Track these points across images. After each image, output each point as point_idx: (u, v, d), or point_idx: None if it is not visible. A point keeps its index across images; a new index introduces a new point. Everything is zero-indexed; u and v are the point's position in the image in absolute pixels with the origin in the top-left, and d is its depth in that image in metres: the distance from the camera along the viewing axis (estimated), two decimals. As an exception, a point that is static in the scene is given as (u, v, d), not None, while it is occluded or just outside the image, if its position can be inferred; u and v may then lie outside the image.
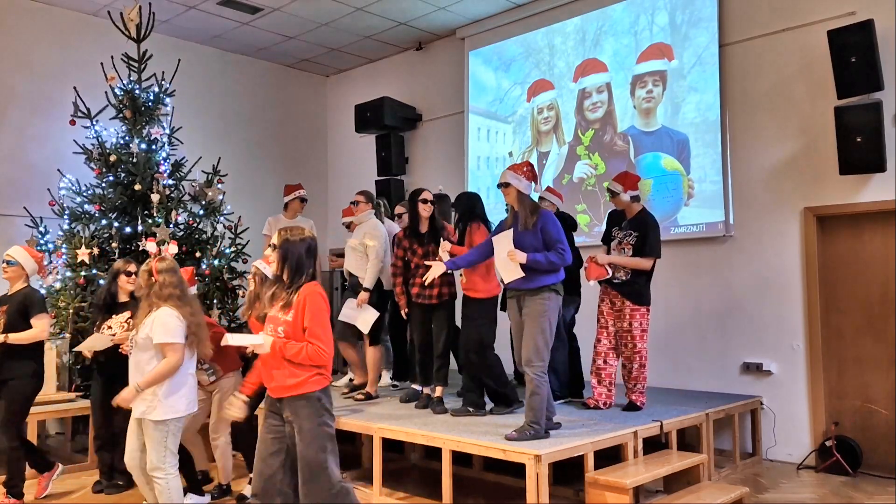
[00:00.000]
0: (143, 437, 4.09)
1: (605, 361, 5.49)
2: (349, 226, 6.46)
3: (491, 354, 5.14)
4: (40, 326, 4.90)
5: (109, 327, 5.03)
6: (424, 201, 5.41)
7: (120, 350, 4.85)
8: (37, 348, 5.00)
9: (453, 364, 6.21)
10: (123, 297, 5.15)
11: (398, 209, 6.73)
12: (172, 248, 6.21)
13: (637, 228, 5.43)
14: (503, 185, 4.67)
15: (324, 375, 3.51)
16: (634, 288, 5.37)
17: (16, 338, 4.83)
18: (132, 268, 5.13)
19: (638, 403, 5.45)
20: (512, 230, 4.59)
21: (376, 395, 6.01)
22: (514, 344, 4.81)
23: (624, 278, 5.39)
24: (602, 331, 5.51)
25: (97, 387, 5.26)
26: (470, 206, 5.39)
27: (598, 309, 5.54)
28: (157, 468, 4.03)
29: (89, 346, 5.02)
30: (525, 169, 4.69)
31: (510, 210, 4.75)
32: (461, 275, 5.15)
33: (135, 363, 4.10)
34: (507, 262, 4.51)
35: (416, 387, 5.82)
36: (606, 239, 5.65)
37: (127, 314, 5.01)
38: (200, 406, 4.61)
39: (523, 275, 4.49)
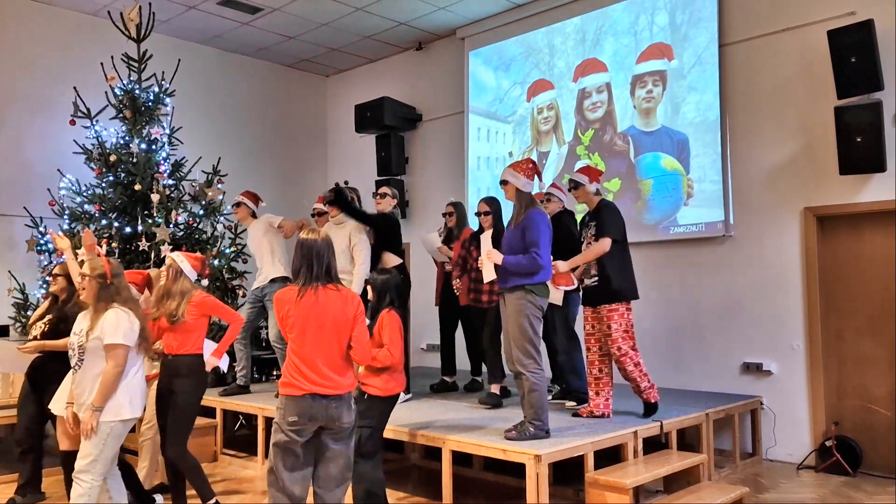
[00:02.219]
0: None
1: (599, 370, 5.23)
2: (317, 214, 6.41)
3: (371, 470, 4.18)
4: None
5: (35, 326, 4.88)
6: (477, 214, 5.67)
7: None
8: None
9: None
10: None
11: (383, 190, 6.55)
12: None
13: (595, 217, 5.16)
14: (503, 183, 4.71)
15: (284, 380, 3.45)
16: (605, 286, 5.06)
17: None
18: (56, 269, 4.98)
19: (651, 401, 5.20)
20: (490, 232, 4.79)
21: None
22: (503, 344, 4.84)
23: (596, 278, 5.11)
24: (589, 338, 5.28)
25: (23, 389, 5.01)
26: (386, 288, 4.39)
27: (584, 317, 5.33)
28: (83, 471, 3.75)
29: None
30: (525, 166, 4.69)
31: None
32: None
33: (88, 371, 3.81)
34: (486, 261, 4.64)
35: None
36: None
37: (48, 317, 4.83)
38: None
39: (494, 276, 4.58)
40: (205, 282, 6.53)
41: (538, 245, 4.44)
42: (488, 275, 4.66)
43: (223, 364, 4.61)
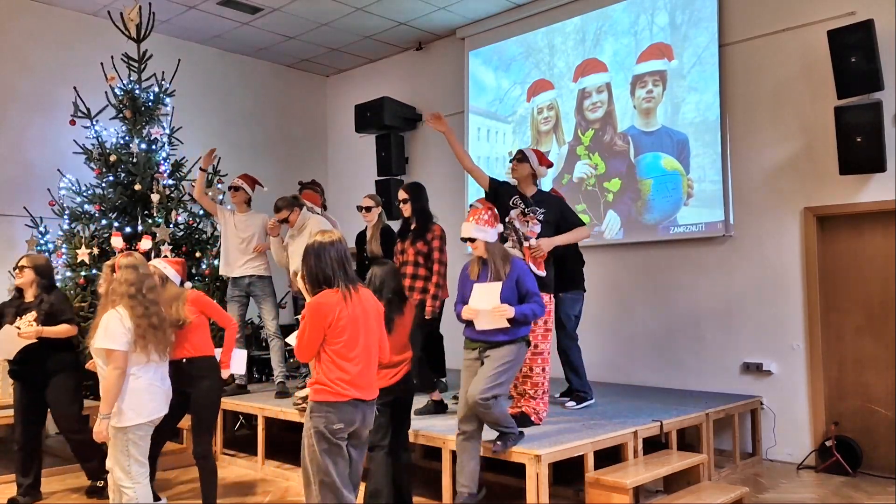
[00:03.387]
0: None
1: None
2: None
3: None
4: None
5: (18, 328, 4.75)
6: (398, 202, 5.35)
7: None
8: None
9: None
10: (29, 297, 4.89)
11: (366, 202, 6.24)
12: (145, 244, 6.21)
13: (546, 204, 5.02)
14: (470, 240, 4.32)
15: (325, 387, 3.34)
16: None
17: None
18: (23, 262, 4.93)
19: (531, 416, 4.80)
20: (500, 283, 4.21)
21: None
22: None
23: None
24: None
25: (16, 392, 4.98)
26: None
27: None
28: (121, 478, 3.81)
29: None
30: (486, 217, 4.31)
31: (477, 259, 4.38)
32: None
33: (99, 372, 3.89)
34: (489, 314, 4.19)
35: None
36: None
37: (33, 314, 4.76)
38: None
39: (507, 325, 4.17)
40: (188, 284, 6.50)
41: (537, 293, 4.30)
42: (489, 326, 4.21)
43: (235, 370, 4.59)
